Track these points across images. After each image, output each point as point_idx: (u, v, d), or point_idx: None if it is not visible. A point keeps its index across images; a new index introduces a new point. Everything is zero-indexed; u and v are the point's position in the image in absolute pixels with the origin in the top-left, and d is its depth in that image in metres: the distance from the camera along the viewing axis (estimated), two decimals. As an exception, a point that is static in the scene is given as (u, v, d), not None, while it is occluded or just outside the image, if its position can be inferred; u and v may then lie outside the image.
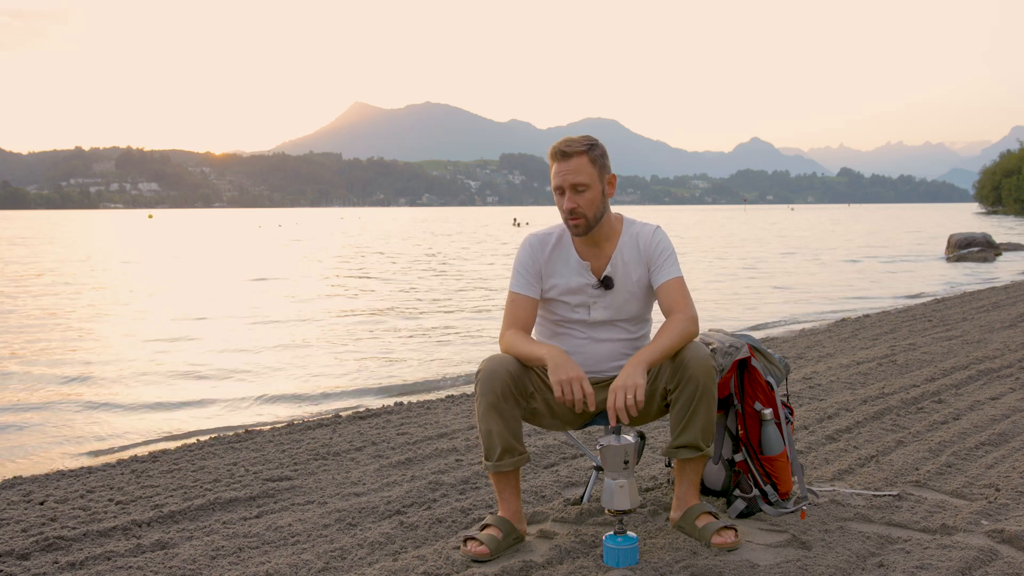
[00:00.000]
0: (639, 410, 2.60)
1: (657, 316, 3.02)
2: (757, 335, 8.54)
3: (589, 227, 2.85)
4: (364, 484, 3.73)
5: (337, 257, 26.79)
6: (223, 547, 2.95)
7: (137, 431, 5.62)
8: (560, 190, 2.85)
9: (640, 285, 2.93)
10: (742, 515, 3.00)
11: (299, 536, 3.06)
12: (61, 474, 4.14)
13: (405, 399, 6.10)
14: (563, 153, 2.84)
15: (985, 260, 21.42)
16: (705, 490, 3.21)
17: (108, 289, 16.39)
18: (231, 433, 4.99)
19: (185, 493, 3.68)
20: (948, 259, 22.28)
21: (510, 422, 2.74)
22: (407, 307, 13.06)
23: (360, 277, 19.01)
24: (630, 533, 2.62)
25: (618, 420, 3.00)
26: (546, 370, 2.92)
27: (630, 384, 2.60)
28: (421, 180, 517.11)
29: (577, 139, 2.87)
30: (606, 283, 2.91)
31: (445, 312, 12.34)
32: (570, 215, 2.83)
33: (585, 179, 2.82)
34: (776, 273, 18.82)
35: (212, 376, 7.56)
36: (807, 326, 9.77)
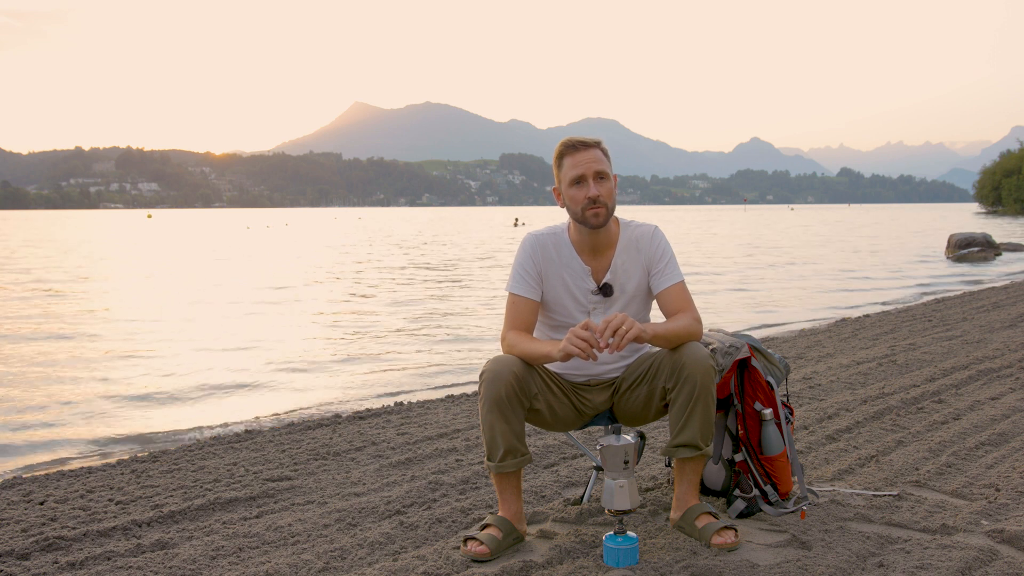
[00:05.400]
0: (620, 343, 2.54)
1: (656, 316, 3.02)
2: (757, 335, 8.54)
3: (608, 218, 2.85)
4: (364, 484, 3.73)
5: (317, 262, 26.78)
6: (223, 547, 2.95)
7: (137, 431, 5.62)
8: (581, 179, 2.83)
9: (640, 290, 2.93)
10: (742, 515, 3.00)
11: (299, 536, 3.06)
12: (61, 474, 4.14)
13: (405, 399, 6.11)
14: (582, 143, 2.85)
15: (985, 260, 21.42)
16: (705, 490, 3.21)
17: (98, 290, 16.39)
18: (231, 433, 4.99)
19: (185, 493, 3.68)
20: (948, 259, 22.29)
21: (513, 423, 2.73)
22: (406, 308, 13.06)
23: (358, 280, 19.01)
24: (630, 533, 2.62)
25: (616, 422, 3.00)
26: (550, 369, 2.92)
27: (628, 324, 2.56)
28: (421, 180, 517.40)
29: (587, 136, 2.89)
30: (605, 291, 2.90)
31: (445, 313, 12.34)
32: (593, 203, 2.81)
33: (606, 168, 2.85)
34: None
35: (212, 376, 7.56)
36: (807, 326, 9.77)
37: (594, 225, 2.83)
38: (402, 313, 12.27)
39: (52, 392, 6.93)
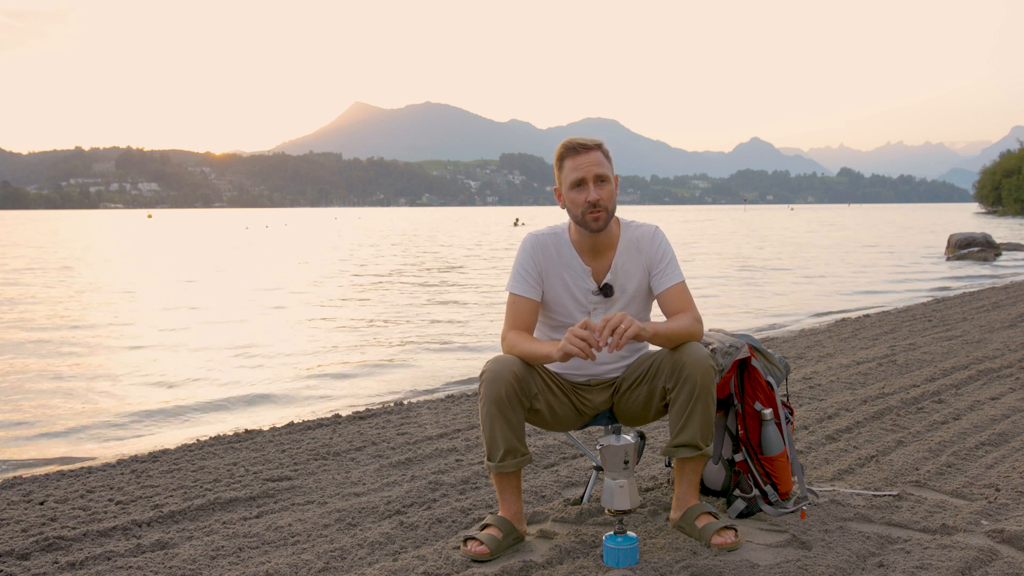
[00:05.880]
0: (619, 341, 2.53)
1: (656, 317, 3.02)
2: (757, 335, 8.54)
3: (608, 221, 2.85)
4: (364, 484, 3.73)
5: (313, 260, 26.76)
6: (223, 547, 2.95)
7: (137, 431, 5.62)
8: (582, 182, 2.82)
9: (640, 290, 2.93)
10: (742, 515, 3.00)
11: (299, 536, 3.06)
12: (61, 474, 4.14)
13: (405, 399, 6.10)
14: (582, 146, 2.84)
15: (985, 260, 21.42)
16: (705, 490, 3.21)
17: (98, 290, 16.39)
18: (231, 433, 4.99)
19: (185, 493, 3.68)
20: (948, 259, 22.29)
21: (513, 423, 2.73)
22: (406, 308, 13.06)
23: (358, 280, 19.02)
24: (630, 533, 2.62)
25: (616, 422, 3.00)
26: (551, 369, 2.92)
27: (628, 323, 2.55)
28: (421, 180, 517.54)
29: (588, 138, 2.88)
30: (605, 291, 2.90)
31: (445, 313, 12.34)
32: (593, 207, 2.81)
33: (606, 171, 2.83)
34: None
35: (211, 376, 7.56)
36: (807, 326, 9.77)
37: (594, 229, 2.83)
38: (401, 313, 12.27)
39: (52, 392, 6.93)
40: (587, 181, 2.81)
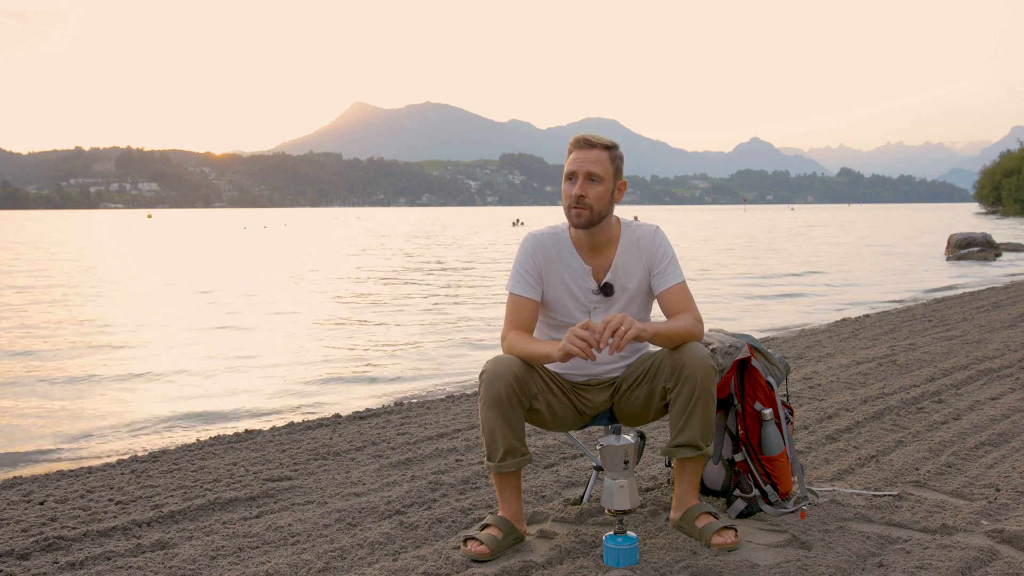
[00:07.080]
0: (620, 343, 2.53)
1: (657, 317, 3.02)
2: (757, 335, 8.54)
3: (591, 222, 2.83)
4: (364, 484, 3.73)
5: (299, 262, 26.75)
6: (223, 547, 2.95)
7: (137, 431, 5.62)
8: (573, 176, 2.83)
9: (640, 290, 2.93)
10: (742, 515, 3.00)
11: (299, 536, 3.06)
12: (61, 474, 4.14)
13: (405, 399, 6.10)
14: (587, 142, 2.85)
15: (985, 260, 21.42)
16: (705, 490, 3.21)
17: (98, 292, 16.39)
18: (231, 433, 4.99)
19: (185, 493, 3.68)
20: (948, 259, 22.28)
21: (513, 423, 2.73)
22: (406, 308, 13.06)
23: (358, 281, 19.02)
24: (630, 533, 2.62)
25: (616, 422, 3.00)
26: (550, 369, 2.92)
27: (628, 324, 2.55)
28: (421, 180, 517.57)
29: (602, 137, 2.88)
30: (606, 290, 2.90)
31: (445, 313, 12.34)
32: (576, 202, 2.81)
33: (600, 171, 2.82)
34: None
35: (211, 377, 7.56)
36: (807, 326, 9.77)
37: (576, 224, 2.85)
38: (401, 314, 12.27)
39: (51, 392, 6.93)
40: (577, 176, 2.82)
